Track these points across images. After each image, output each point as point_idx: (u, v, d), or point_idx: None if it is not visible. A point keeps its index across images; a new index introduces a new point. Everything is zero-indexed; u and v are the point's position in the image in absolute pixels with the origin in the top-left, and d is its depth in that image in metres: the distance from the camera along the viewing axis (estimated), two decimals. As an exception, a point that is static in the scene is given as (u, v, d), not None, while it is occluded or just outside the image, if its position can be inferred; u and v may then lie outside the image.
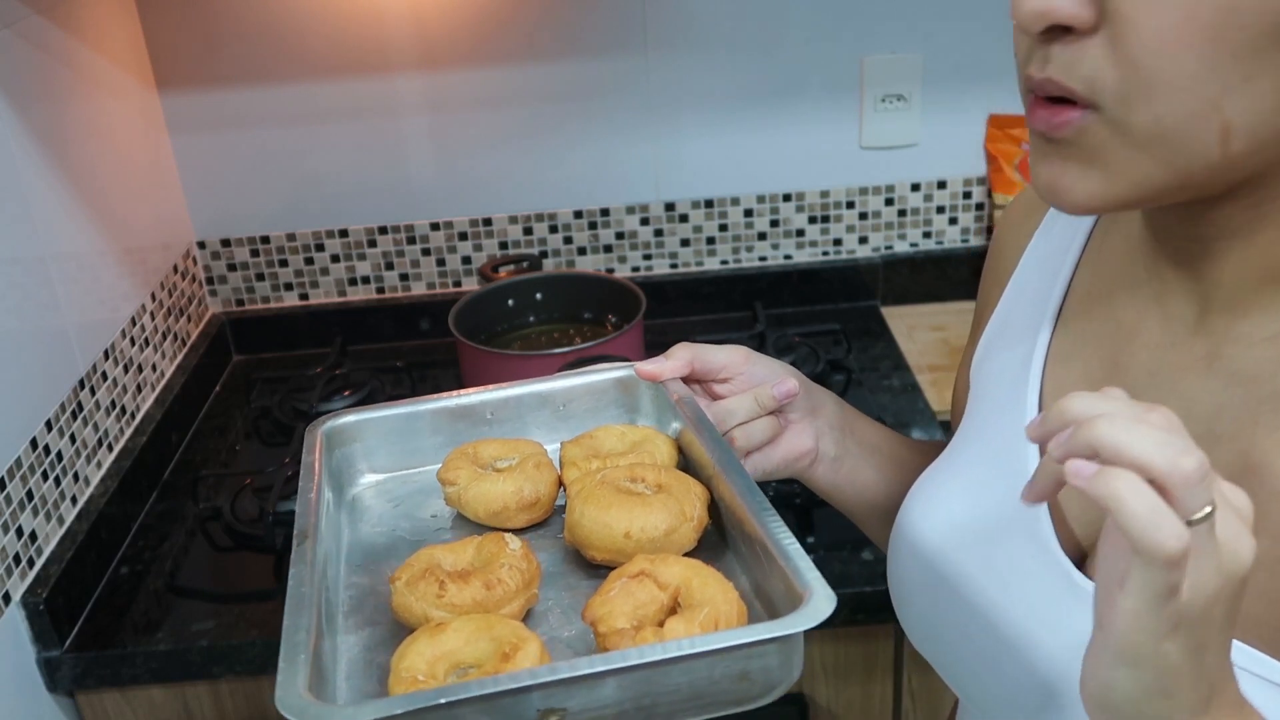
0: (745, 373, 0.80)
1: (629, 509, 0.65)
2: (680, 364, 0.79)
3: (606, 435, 0.76)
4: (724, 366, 0.80)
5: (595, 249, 1.71)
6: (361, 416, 0.78)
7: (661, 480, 0.68)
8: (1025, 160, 1.63)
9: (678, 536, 0.65)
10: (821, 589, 0.55)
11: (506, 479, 0.70)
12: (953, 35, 1.60)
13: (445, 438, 0.78)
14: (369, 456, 0.78)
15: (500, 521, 0.71)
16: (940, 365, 1.57)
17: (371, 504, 0.76)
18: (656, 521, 0.64)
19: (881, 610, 1.16)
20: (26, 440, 1.15)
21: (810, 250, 1.73)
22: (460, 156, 1.65)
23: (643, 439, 0.75)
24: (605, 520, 0.64)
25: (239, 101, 1.60)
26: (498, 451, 0.75)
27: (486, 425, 0.79)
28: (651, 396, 0.80)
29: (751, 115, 1.64)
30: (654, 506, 0.65)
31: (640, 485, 0.68)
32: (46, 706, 1.15)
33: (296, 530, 0.66)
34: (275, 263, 1.70)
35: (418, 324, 1.72)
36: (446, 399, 0.79)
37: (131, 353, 1.42)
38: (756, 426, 0.79)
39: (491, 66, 1.59)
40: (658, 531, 0.64)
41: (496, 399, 0.79)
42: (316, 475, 0.72)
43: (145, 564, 1.27)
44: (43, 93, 1.26)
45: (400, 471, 0.78)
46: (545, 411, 0.80)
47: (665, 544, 0.64)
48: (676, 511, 0.65)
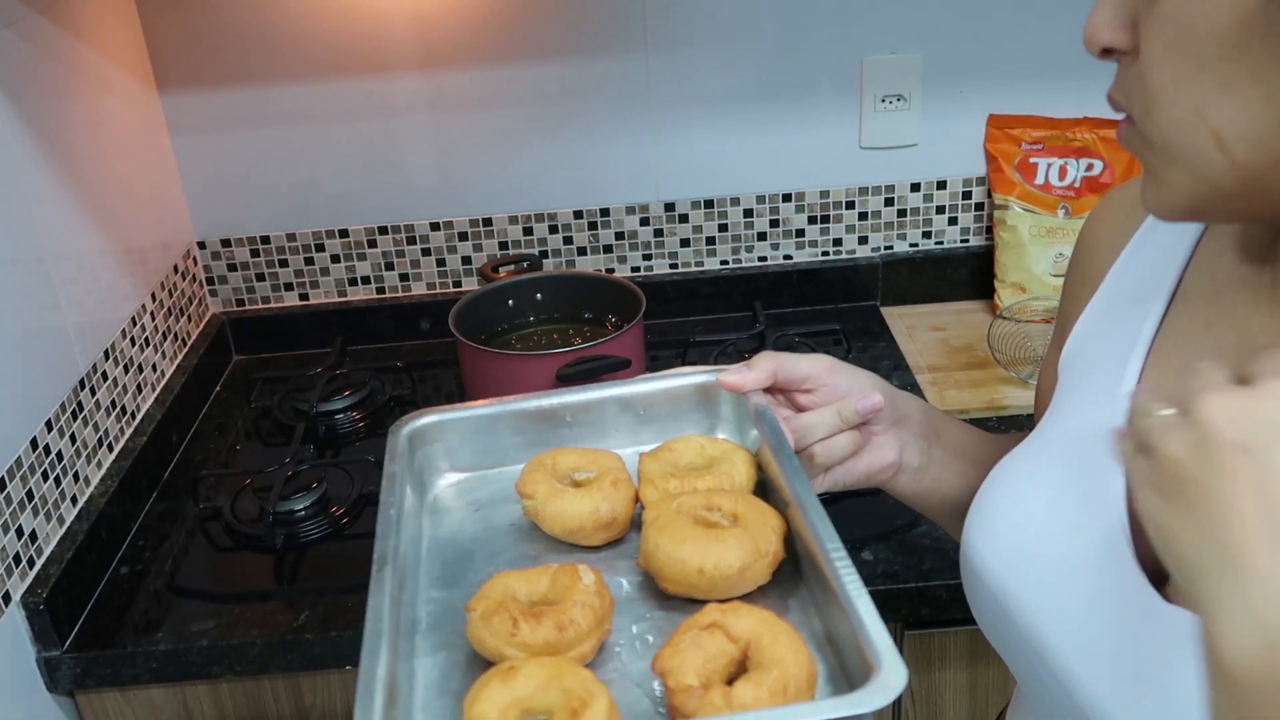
0: (830, 384, 0.79)
1: (704, 544, 0.64)
2: (763, 375, 0.77)
3: (685, 448, 0.75)
4: (808, 377, 0.79)
5: (595, 249, 1.71)
6: (444, 416, 0.78)
7: (738, 510, 0.68)
8: (1025, 160, 1.64)
9: (751, 574, 0.64)
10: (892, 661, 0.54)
11: (584, 497, 0.70)
12: (953, 35, 1.60)
13: (526, 438, 0.79)
14: (450, 455, 0.79)
15: (577, 539, 0.71)
16: (940, 365, 1.57)
17: (452, 505, 0.77)
18: (730, 559, 0.64)
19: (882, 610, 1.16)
20: (26, 440, 1.15)
21: (810, 250, 1.73)
22: (460, 156, 1.65)
23: (721, 455, 0.74)
24: (679, 555, 0.64)
25: (239, 102, 1.60)
26: (576, 462, 0.74)
27: (566, 428, 0.79)
28: (733, 405, 0.79)
29: (751, 115, 1.64)
30: (729, 543, 0.64)
31: (716, 514, 0.67)
32: (46, 706, 1.15)
33: (376, 553, 0.65)
34: (275, 263, 1.70)
35: (418, 324, 1.73)
36: (528, 400, 0.79)
37: (131, 353, 1.42)
38: (838, 442, 0.78)
39: (491, 66, 1.59)
40: (731, 569, 0.64)
41: (577, 402, 0.79)
42: (397, 488, 0.71)
43: (145, 564, 1.27)
44: (43, 93, 1.26)
45: (481, 471, 0.79)
46: (626, 416, 0.80)
47: (739, 581, 0.64)
48: (751, 548, 0.64)
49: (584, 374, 1.33)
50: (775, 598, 0.66)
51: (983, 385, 1.51)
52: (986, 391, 1.49)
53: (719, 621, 0.60)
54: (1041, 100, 1.63)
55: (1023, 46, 1.61)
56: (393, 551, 0.65)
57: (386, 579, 0.63)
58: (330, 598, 1.18)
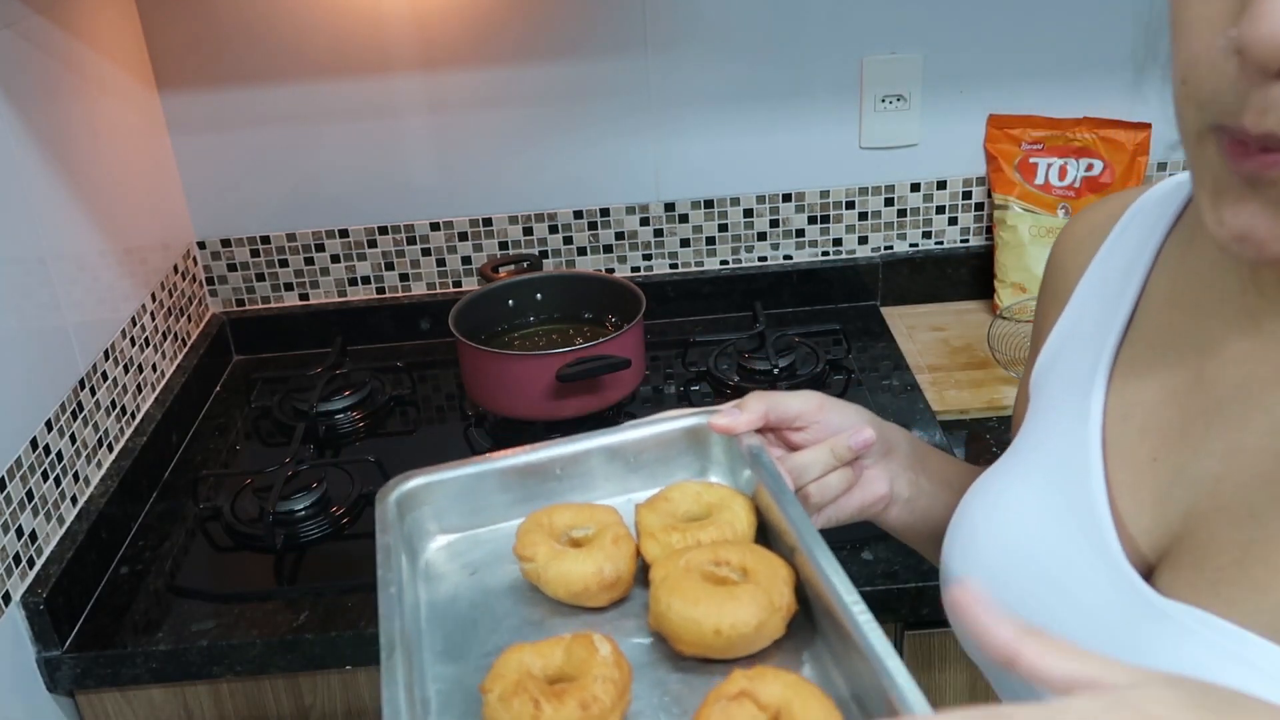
0: (821, 421, 0.78)
1: (718, 603, 0.63)
2: (755, 416, 0.76)
3: (682, 497, 0.74)
4: (799, 415, 0.78)
5: (595, 249, 1.71)
6: (430, 478, 0.76)
7: (747, 563, 0.66)
8: (1025, 160, 1.64)
9: (768, 629, 0.63)
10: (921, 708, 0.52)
11: (586, 558, 0.69)
12: (953, 35, 1.60)
13: (514, 495, 0.76)
14: (439, 518, 0.76)
15: (581, 601, 0.69)
16: (940, 365, 1.57)
17: (445, 569, 0.74)
18: (746, 617, 0.62)
19: (881, 610, 1.16)
20: (26, 440, 1.15)
21: (810, 250, 1.73)
22: (460, 156, 1.65)
23: (719, 502, 0.73)
24: (694, 616, 0.63)
25: (239, 101, 1.60)
26: (573, 519, 0.73)
27: (556, 480, 0.77)
28: (724, 446, 0.78)
29: (751, 115, 1.64)
30: (743, 600, 0.63)
31: (725, 569, 0.66)
32: (46, 706, 1.15)
33: (384, 638, 0.62)
34: (275, 263, 1.70)
35: (418, 324, 1.73)
36: (515, 456, 0.77)
37: (131, 353, 1.42)
38: (832, 480, 0.77)
39: (491, 66, 1.59)
40: (748, 628, 0.62)
41: (565, 454, 0.77)
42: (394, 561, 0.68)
43: (145, 564, 1.27)
44: (43, 93, 1.26)
45: (472, 531, 0.76)
46: (616, 464, 0.78)
47: (755, 638, 0.63)
48: (765, 603, 0.63)
49: (584, 374, 1.33)
50: (790, 651, 0.65)
51: (983, 385, 1.51)
52: (986, 391, 1.49)
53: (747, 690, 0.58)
54: (1041, 100, 1.63)
55: (1023, 46, 1.61)
56: (400, 633, 0.62)
57: (398, 666, 0.60)
58: (330, 598, 1.18)
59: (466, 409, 1.54)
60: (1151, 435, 0.63)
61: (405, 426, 1.54)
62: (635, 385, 1.42)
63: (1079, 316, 0.72)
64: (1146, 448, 0.63)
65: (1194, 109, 0.51)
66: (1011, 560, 0.66)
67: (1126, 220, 0.72)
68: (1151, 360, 0.66)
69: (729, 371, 1.55)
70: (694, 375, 1.57)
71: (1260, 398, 0.59)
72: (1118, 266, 0.71)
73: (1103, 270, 0.72)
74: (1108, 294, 0.70)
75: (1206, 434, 0.60)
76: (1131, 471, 0.63)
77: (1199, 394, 0.62)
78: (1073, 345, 0.71)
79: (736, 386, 1.52)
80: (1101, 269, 0.72)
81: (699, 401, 1.51)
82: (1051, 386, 0.72)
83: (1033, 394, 0.74)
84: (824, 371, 1.53)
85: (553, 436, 1.41)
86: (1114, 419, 0.65)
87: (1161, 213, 0.70)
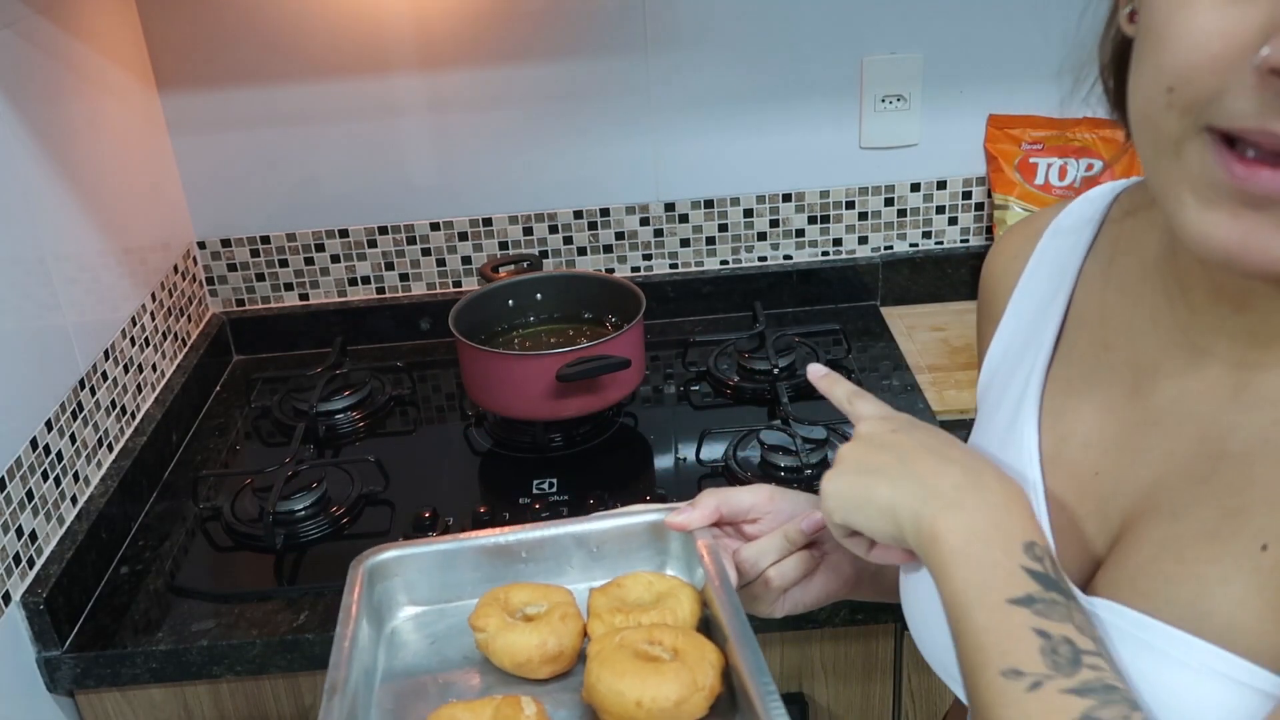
0: (773, 510, 0.82)
1: (642, 678, 0.67)
2: (707, 512, 0.80)
3: (634, 584, 0.78)
4: (751, 508, 0.82)
5: (595, 249, 1.71)
6: (404, 552, 0.81)
7: (678, 644, 0.70)
8: (1025, 160, 1.64)
9: (689, 707, 0.67)
10: None
11: (532, 631, 0.73)
12: (953, 35, 1.60)
13: (484, 573, 0.81)
14: (409, 590, 0.81)
15: (525, 672, 0.73)
16: (940, 365, 1.57)
17: (409, 638, 0.79)
18: (668, 692, 0.66)
19: (881, 610, 1.16)
20: (26, 440, 1.15)
21: (810, 250, 1.73)
22: (460, 156, 1.65)
23: (668, 591, 0.77)
24: (619, 688, 0.66)
25: (239, 101, 1.60)
26: (528, 597, 0.77)
27: (522, 563, 0.82)
28: (681, 542, 0.82)
29: (751, 115, 1.64)
30: (666, 676, 0.67)
31: (658, 648, 0.70)
32: (46, 706, 1.15)
33: (328, 682, 0.68)
34: (275, 263, 1.70)
35: (418, 324, 1.73)
36: (484, 537, 0.82)
37: (131, 353, 1.42)
38: (789, 564, 0.80)
39: (491, 66, 1.59)
40: (668, 702, 0.66)
41: (532, 539, 0.82)
42: (353, 620, 0.74)
43: (145, 564, 1.27)
44: (43, 93, 1.26)
45: (439, 605, 0.81)
46: (580, 552, 0.82)
47: (676, 714, 0.66)
48: (688, 682, 0.67)
49: (584, 374, 1.33)
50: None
51: (983, 385, 1.51)
52: (986, 391, 1.49)
53: None
54: (1041, 100, 1.63)
55: (1023, 46, 1.61)
56: (344, 681, 0.68)
57: (335, 708, 0.65)
58: (330, 598, 1.18)
59: (466, 409, 1.54)
60: (1093, 450, 0.66)
61: (405, 426, 1.54)
62: (635, 385, 1.42)
63: (1010, 337, 0.75)
64: (1089, 462, 0.66)
65: (1179, 115, 0.51)
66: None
67: (1045, 242, 0.75)
68: (1086, 377, 0.68)
69: (729, 371, 1.55)
70: (694, 375, 1.57)
71: (1194, 408, 0.61)
72: (1042, 287, 0.73)
73: (1028, 292, 0.75)
74: (1035, 315, 0.73)
75: (1144, 444, 0.63)
76: (1075, 485, 0.66)
77: (1136, 407, 0.64)
78: (1006, 365, 0.74)
79: (736, 386, 1.52)
80: (1027, 290, 0.75)
81: (699, 402, 1.51)
82: (990, 405, 0.75)
83: (978, 410, 0.77)
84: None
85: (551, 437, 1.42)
86: (1053, 436, 0.68)
87: (1079, 232, 0.73)
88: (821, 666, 1.23)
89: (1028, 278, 0.75)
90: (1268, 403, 0.58)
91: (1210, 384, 0.61)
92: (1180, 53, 0.50)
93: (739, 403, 1.51)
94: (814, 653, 1.22)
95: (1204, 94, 0.50)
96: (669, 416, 1.50)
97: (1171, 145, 0.52)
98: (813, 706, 1.25)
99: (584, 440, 1.44)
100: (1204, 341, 0.61)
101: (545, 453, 1.42)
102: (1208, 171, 0.50)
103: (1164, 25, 0.51)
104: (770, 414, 1.46)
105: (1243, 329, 0.59)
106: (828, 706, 1.25)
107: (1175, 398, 0.62)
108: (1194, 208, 0.52)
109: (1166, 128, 0.52)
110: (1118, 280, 0.68)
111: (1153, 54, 0.52)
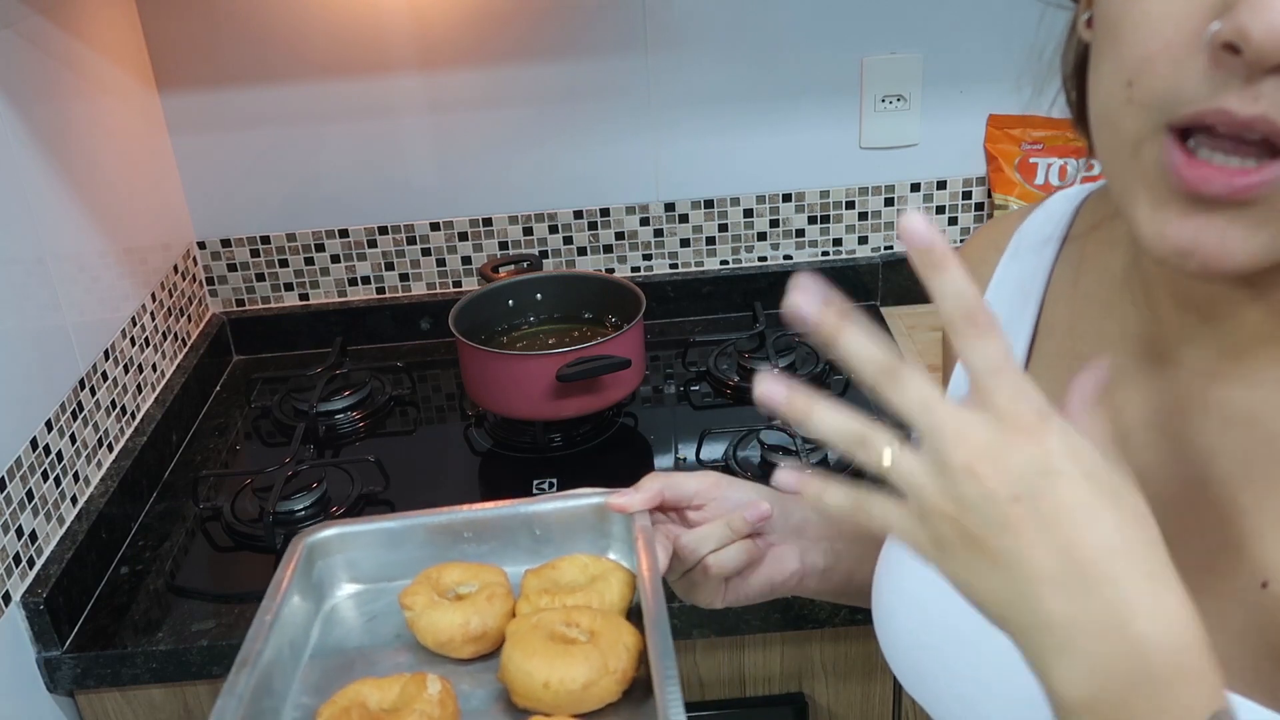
0: (718, 498, 0.80)
1: (550, 658, 0.65)
2: (650, 495, 0.78)
3: (570, 566, 0.77)
4: (695, 494, 0.80)
5: (595, 249, 1.71)
6: (346, 530, 0.80)
7: (595, 626, 0.69)
8: (1025, 160, 1.64)
9: (598, 690, 0.65)
10: None
11: (456, 610, 0.72)
12: (953, 35, 1.60)
13: (427, 553, 0.80)
14: (351, 567, 0.80)
15: (448, 651, 0.72)
16: (940, 365, 1.57)
17: (347, 615, 0.79)
18: (575, 674, 0.65)
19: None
20: (26, 440, 1.15)
21: (810, 250, 1.73)
22: (460, 156, 1.65)
23: (601, 574, 0.76)
24: (527, 668, 0.65)
25: (239, 101, 1.60)
26: (460, 577, 0.76)
27: (465, 543, 0.80)
28: (624, 525, 0.80)
29: (751, 115, 1.64)
30: (576, 658, 0.66)
31: (574, 630, 0.69)
32: (46, 706, 1.15)
33: (240, 655, 0.67)
34: (275, 263, 1.70)
35: (418, 324, 1.73)
36: (430, 515, 0.80)
37: (131, 353, 1.42)
38: (729, 553, 0.78)
39: (491, 66, 1.59)
40: (575, 684, 0.65)
41: (475, 518, 0.80)
42: (280, 595, 0.73)
43: (145, 564, 1.27)
44: (43, 93, 1.26)
45: (380, 583, 0.80)
46: (522, 534, 0.81)
47: (584, 696, 0.65)
48: (599, 665, 0.66)
49: (584, 374, 1.33)
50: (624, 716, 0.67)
51: (983, 385, 1.51)
52: (986, 391, 1.49)
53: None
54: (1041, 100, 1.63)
55: (1023, 46, 1.60)
56: (256, 655, 0.67)
57: (241, 681, 0.64)
58: (330, 598, 1.18)
59: (466, 409, 1.54)
60: None
61: (405, 426, 1.54)
62: (635, 385, 1.42)
63: None
64: None
65: (1139, 112, 0.50)
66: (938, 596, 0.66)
67: (1013, 248, 0.73)
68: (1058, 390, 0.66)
69: (729, 371, 1.55)
70: (694, 375, 1.57)
71: (1165, 425, 0.60)
72: (1011, 295, 0.71)
73: (996, 299, 0.72)
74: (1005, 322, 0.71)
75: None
76: None
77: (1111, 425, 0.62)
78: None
79: (736, 386, 1.52)
80: (996, 296, 0.73)
81: (698, 402, 1.51)
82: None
83: None
84: (824, 371, 1.53)
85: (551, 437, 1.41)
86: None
87: (1046, 238, 0.71)
88: (821, 666, 1.23)
89: (997, 284, 0.73)
90: (1242, 421, 0.57)
91: (1179, 398, 0.60)
92: (1136, 44, 0.49)
93: (739, 403, 1.51)
94: (814, 653, 1.22)
95: (1161, 84, 0.48)
96: (669, 416, 1.50)
97: (1130, 145, 0.51)
98: (813, 706, 1.25)
99: (584, 440, 1.44)
100: (1173, 353, 0.60)
101: (545, 453, 1.42)
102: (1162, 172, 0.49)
103: (1119, 18, 0.50)
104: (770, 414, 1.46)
105: (1211, 339, 0.58)
106: (828, 706, 1.25)
107: (1146, 412, 0.61)
108: (1148, 207, 0.51)
109: (1125, 127, 0.51)
110: (1086, 289, 0.67)
111: (1110, 50, 0.51)
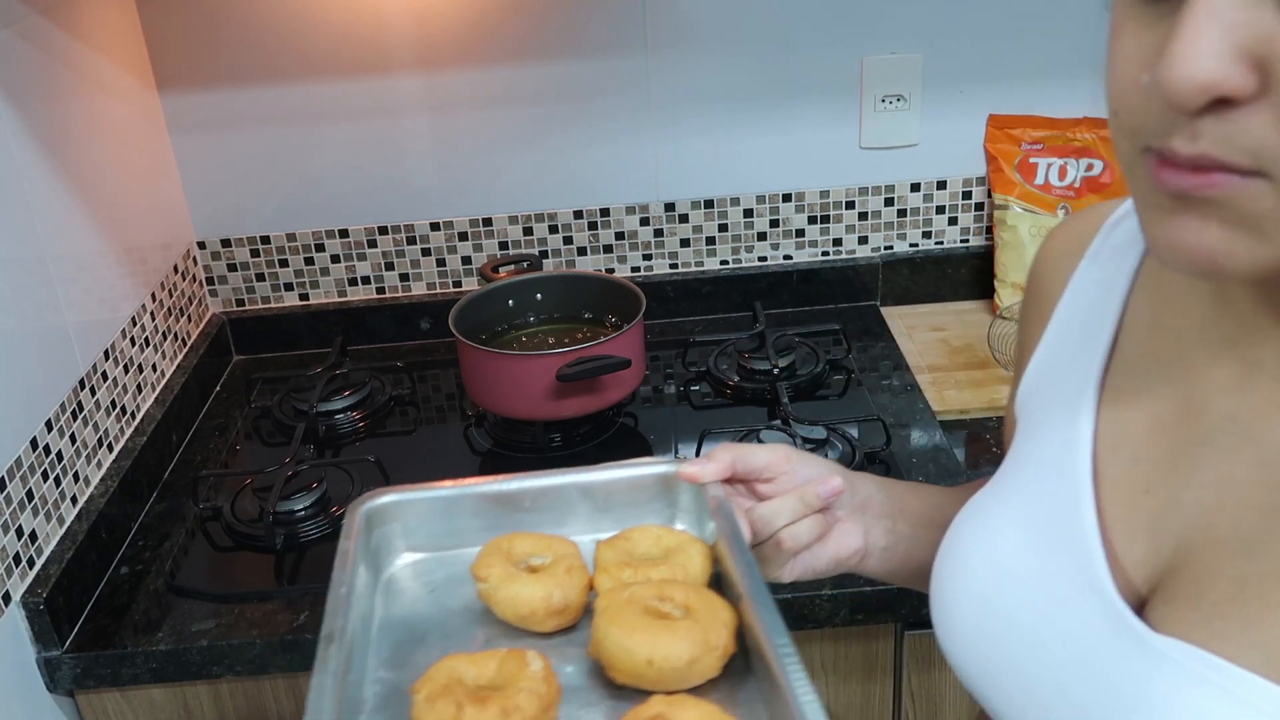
0: (788, 471, 0.80)
1: (653, 635, 0.64)
2: (721, 466, 0.77)
3: (642, 537, 0.75)
4: (766, 466, 0.79)
5: (595, 249, 1.71)
6: (402, 497, 0.78)
7: (690, 602, 0.67)
8: (1025, 160, 1.64)
9: (701, 666, 0.64)
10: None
11: (537, 583, 0.70)
12: (953, 35, 1.60)
13: (484, 521, 0.78)
14: (408, 535, 0.78)
15: (528, 625, 0.71)
16: (940, 365, 1.57)
17: (407, 585, 0.77)
18: (679, 651, 0.63)
19: (881, 610, 1.16)
20: (26, 440, 1.15)
21: (810, 250, 1.73)
22: (460, 156, 1.65)
23: (677, 546, 0.74)
24: (628, 645, 0.64)
25: (239, 101, 1.60)
26: (532, 548, 0.74)
27: (525, 512, 0.78)
28: (692, 495, 0.79)
29: (751, 115, 1.64)
30: (678, 634, 0.64)
31: (668, 605, 0.67)
32: (46, 706, 1.15)
33: (324, 630, 0.65)
34: (275, 263, 1.70)
35: (418, 324, 1.73)
36: (488, 484, 0.79)
37: (131, 353, 1.42)
38: (803, 527, 0.78)
39: (491, 66, 1.59)
40: (680, 661, 0.63)
41: (537, 487, 0.78)
42: (349, 566, 0.71)
43: (145, 564, 1.27)
44: (43, 93, 1.26)
45: (438, 552, 0.78)
46: (586, 503, 0.79)
47: (688, 673, 0.64)
48: (700, 640, 0.64)
49: (584, 374, 1.33)
50: (725, 691, 0.66)
51: (983, 385, 1.51)
52: (986, 391, 1.49)
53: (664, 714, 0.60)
54: (1041, 100, 1.63)
55: (1023, 46, 1.61)
56: (340, 630, 0.65)
57: (332, 657, 0.63)
58: (330, 598, 1.18)
59: (466, 409, 1.54)
60: (1143, 465, 0.63)
61: (405, 426, 1.54)
62: (635, 385, 1.42)
63: (1061, 339, 0.72)
64: (1139, 478, 0.63)
65: (1126, 137, 0.52)
66: (1001, 588, 0.66)
67: (1100, 239, 0.72)
68: (1137, 388, 0.65)
69: (729, 371, 1.55)
70: (694, 375, 1.57)
71: (1249, 428, 0.59)
72: (1095, 288, 0.71)
73: (1081, 291, 0.72)
74: (1088, 317, 0.70)
75: (1197, 464, 0.60)
76: (1124, 503, 0.63)
77: (1188, 423, 0.62)
78: (1056, 369, 0.71)
79: (736, 386, 1.52)
80: (1079, 290, 0.72)
81: (699, 402, 1.51)
82: (1038, 411, 0.72)
83: (1019, 416, 0.74)
84: (824, 371, 1.54)
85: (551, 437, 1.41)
86: (1104, 448, 0.65)
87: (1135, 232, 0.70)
88: (821, 666, 1.23)
89: (1081, 276, 0.72)
90: None
91: (1262, 401, 0.58)
92: (1114, 80, 0.52)
93: (739, 403, 1.51)
94: (814, 652, 1.22)
95: (1131, 119, 0.51)
96: (669, 416, 1.50)
97: (1127, 165, 0.53)
98: (813, 706, 1.25)
99: (584, 440, 1.44)
100: (1253, 354, 0.59)
101: (545, 453, 1.42)
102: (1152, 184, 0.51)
103: (1109, 52, 0.53)
104: (770, 414, 1.46)
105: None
106: (828, 706, 1.25)
107: (1228, 415, 0.60)
108: (1148, 216, 0.53)
109: (1120, 149, 0.53)
110: (1168, 287, 0.66)
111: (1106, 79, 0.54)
